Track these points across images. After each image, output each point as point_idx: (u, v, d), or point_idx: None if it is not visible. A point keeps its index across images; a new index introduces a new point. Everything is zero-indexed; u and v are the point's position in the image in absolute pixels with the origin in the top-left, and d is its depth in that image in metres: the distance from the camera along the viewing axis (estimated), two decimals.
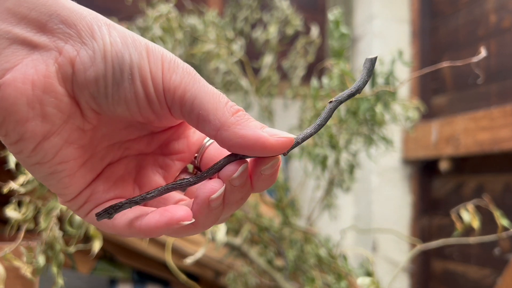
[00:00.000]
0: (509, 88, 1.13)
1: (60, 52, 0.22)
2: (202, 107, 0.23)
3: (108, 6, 1.29)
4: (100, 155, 0.26)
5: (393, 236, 1.32)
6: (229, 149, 0.24)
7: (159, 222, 0.23)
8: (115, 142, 0.27)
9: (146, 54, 0.23)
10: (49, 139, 0.23)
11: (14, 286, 0.57)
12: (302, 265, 0.80)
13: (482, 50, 0.57)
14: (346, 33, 0.67)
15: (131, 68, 0.23)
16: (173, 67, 0.24)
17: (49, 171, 0.24)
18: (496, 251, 1.13)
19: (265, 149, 0.23)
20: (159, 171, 0.28)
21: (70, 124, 0.23)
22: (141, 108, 0.24)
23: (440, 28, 1.38)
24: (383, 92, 0.67)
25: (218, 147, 0.28)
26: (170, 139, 0.28)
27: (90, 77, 0.22)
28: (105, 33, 0.23)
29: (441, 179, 1.35)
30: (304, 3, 1.51)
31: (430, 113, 1.37)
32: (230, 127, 0.23)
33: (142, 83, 0.23)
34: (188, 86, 0.23)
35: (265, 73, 0.96)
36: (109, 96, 0.23)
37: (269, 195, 1.03)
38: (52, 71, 0.22)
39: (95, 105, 0.23)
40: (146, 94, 0.23)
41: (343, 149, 0.78)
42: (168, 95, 0.23)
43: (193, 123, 0.24)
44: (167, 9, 0.66)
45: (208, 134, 0.24)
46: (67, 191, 0.25)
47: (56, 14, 0.22)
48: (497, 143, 1.06)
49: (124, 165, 0.27)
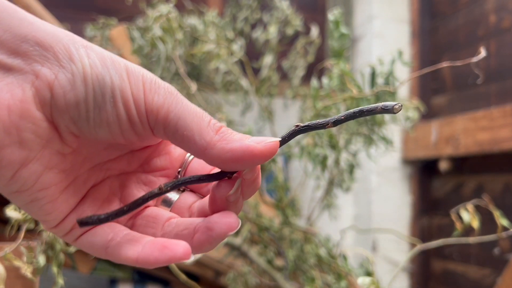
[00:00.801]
0: (509, 88, 1.13)
1: (36, 75, 0.22)
2: (186, 127, 0.23)
3: (108, 6, 1.29)
4: (82, 178, 0.25)
5: (393, 236, 1.32)
6: (219, 165, 0.24)
7: (158, 260, 0.23)
8: (96, 164, 0.26)
9: (127, 76, 0.23)
10: (28, 166, 0.22)
11: (14, 286, 0.57)
12: (302, 265, 0.80)
13: (481, 50, 0.57)
14: (346, 33, 0.67)
15: (113, 90, 0.22)
16: (155, 88, 0.23)
17: (30, 199, 0.23)
18: (496, 251, 1.13)
19: (255, 157, 0.23)
20: (143, 188, 0.28)
21: (49, 149, 0.23)
22: (123, 130, 0.23)
23: (440, 28, 1.38)
24: (383, 92, 0.67)
25: (200, 161, 0.28)
26: (151, 156, 0.28)
27: (71, 101, 0.22)
28: (83, 55, 0.22)
29: (441, 179, 1.36)
30: (304, 3, 1.51)
31: (430, 113, 1.37)
32: (217, 145, 0.23)
33: (124, 105, 0.23)
34: (171, 106, 0.23)
35: (265, 73, 0.96)
36: (91, 120, 0.23)
37: (269, 195, 1.03)
38: (29, 95, 0.21)
39: (75, 128, 0.23)
40: (129, 117, 0.23)
41: (343, 149, 0.78)
42: (151, 117, 0.23)
43: (177, 142, 0.24)
44: (167, 9, 0.66)
45: (194, 153, 0.24)
46: (49, 217, 0.24)
47: (31, 36, 0.22)
48: (497, 143, 1.06)
49: (108, 186, 0.27)
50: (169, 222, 0.26)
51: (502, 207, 0.86)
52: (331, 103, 0.69)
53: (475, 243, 0.91)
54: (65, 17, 1.18)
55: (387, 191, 1.39)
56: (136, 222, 0.27)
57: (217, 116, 0.72)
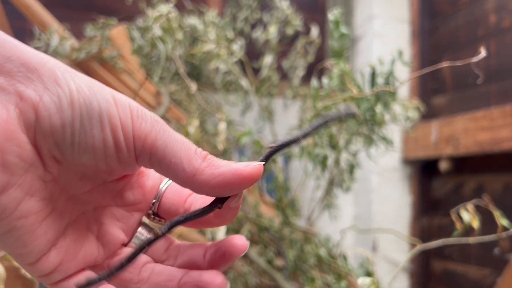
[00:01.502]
0: (509, 88, 1.13)
1: (21, 96, 0.21)
2: (175, 154, 0.23)
3: (108, 6, 1.29)
4: (59, 211, 0.24)
5: (393, 236, 1.32)
6: (206, 192, 0.24)
7: None
8: (71, 196, 0.25)
9: (114, 102, 0.23)
10: (8, 192, 0.21)
11: (14, 286, 0.57)
12: (302, 265, 0.80)
13: (481, 50, 0.57)
14: (346, 33, 0.67)
15: (100, 115, 0.22)
16: (142, 115, 0.23)
17: (7, 228, 0.22)
18: (496, 251, 1.13)
19: (244, 179, 0.23)
20: (117, 224, 0.27)
21: (32, 174, 0.22)
22: (107, 156, 0.23)
23: (440, 28, 1.38)
24: (383, 92, 0.67)
25: (174, 191, 0.28)
26: (124, 189, 0.27)
27: (56, 124, 0.21)
28: (69, 79, 0.22)
29: (441, 179, 1.35)
30: (304, 3, 1.51)
31: (430, 113, 1.37)
32: (205, 171, 0.23)
33: (112, 130, 0.22)
34: (159, 134, 0.23)
35: (265, 73, 0.96)
36: (75, 144, 0.22)
37: (269, 195, 1.03)
38: (13, 117, 0.21)
39: (58, 153, 0.22)
40: (115, 142, 0.23)
41: (343, 149, 0.78)
42: (138, 143, 0.23)
43: (162, 170, 0.24)
44: (167, 9, 0.66)
45: (181, 180, 0.24)
46: (26, 250, 0.23)
47: (15, 57, 0.21)
48: (497, 143, 1.06)
49: (85, 222, 0.26)
50: (146, 268, 0.26)
51: (502, 207, 0.86)
52: (331, 103, 0.69)
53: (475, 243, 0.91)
54: (65, 17, 1.18)
55: (387, 191, 1.39)
56: (112, 263, 0.26)
57: (217, 116, 0.72)
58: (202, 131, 0.83)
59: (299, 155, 0.77)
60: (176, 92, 0.92)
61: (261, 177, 0.25)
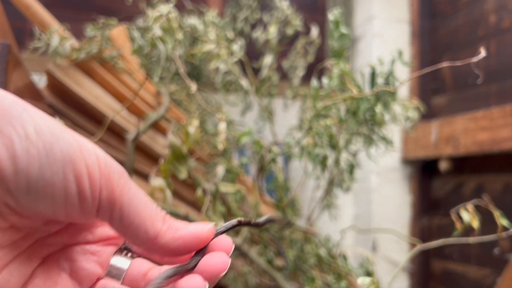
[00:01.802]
0: (509, 88, 1.13)
1: None
2: (139, 214, 0.22)
3: (108, 6, 1.29)
4: (25, 255, 0.23)
5: (393, 236, 1.32)
6: (164, 253, 0.23)
7: None
8: (37, 239, 0.24)
9: (79, 147, 0.21)
10: None
11: None
12: (302, 265, 0.80)
13: (481, 50, 0.57)
14: (346, 33, 0.67)
15: (63, 161, 0.20)
16: (109, 165, 0.22)
17: None
18: (496, 251, 1.13)
19: (202, 240, 0.24)
20: (91, 259, 0.25)
21: None
22: (68, 205, 0.21)
23: (440, 28, 1.38)
24: (383, 92, 0.67)
25: None
26: (93, 226, 0.26)
27: (7, 171, 0.19)
28: (27, 120, 0.20)
29: (441, 179, 1.36)
30: (304, 3, 1.51)
31: (430, 113, 1.37)
32: (166, 234, 0.23)
33: (76, 178, 0.20)
34: (125, 189, 0.22)
35: (265, 73, 0.96)
36: (32, 192, 0.20)
37: (269, 195, 1.03)
38: None
39: (12, 201, 0.20)
40: (79, 191, 0.21)
41: (343, 149, 0.78)
42: (105, 194, 0.21)
43: (121, 228, 0.22)
44: (167, 9, 0.66)
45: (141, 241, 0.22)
46: None
47: None
48: (496, 143, 1.06)
49: (55, 262, 0.24)
50: None
51: (502, 207, 0.86)
52: (331, 103, 0.69)
53: (475, 243, 0.91)
54: (65, 17, 1.18)
55: (387, 191, 1.39)
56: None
57: (217, 116, 0.72)
58: (202, 131, 0.83)
59: (299, 155, 0.77)
60: (176, 92, 0.93)
61: (261, 177, 0.25)
